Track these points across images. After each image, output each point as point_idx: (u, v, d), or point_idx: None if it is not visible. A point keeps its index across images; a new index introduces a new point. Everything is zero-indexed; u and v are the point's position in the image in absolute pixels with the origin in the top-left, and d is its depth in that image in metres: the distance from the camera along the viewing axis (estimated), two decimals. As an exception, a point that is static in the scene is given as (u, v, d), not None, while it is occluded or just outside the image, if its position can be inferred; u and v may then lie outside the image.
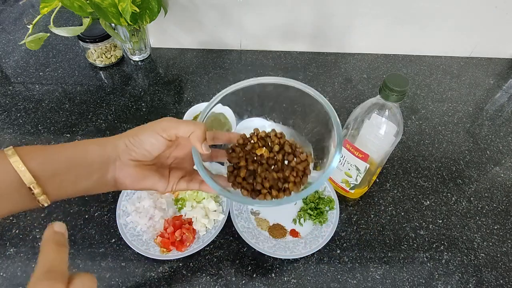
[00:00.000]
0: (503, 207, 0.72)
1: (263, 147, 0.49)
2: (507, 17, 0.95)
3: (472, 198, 0.73)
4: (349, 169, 0.64)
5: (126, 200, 0.67)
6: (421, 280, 0.61)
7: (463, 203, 0.72)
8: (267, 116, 0.53)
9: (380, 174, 0.76)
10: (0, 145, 0.77)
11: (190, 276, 0.60)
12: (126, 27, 0.86)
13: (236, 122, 0.76)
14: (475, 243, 0.67)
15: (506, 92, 0.97)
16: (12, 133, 0.79)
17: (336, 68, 1.00)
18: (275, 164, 0.48)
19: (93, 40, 0.90)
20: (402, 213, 0.70)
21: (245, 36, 1.00)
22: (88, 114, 0.84)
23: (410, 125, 0.87)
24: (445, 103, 0.93)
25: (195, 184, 0.47)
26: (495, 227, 0.69)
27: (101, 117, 0.84)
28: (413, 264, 0.63)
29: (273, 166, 0.48)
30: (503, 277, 0.62)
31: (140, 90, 0.91)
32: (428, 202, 0.72)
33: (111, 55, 0.95)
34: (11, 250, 0.62)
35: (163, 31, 0.99)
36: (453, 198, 0.73)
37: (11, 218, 0.66)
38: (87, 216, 0.67)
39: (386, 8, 0.93)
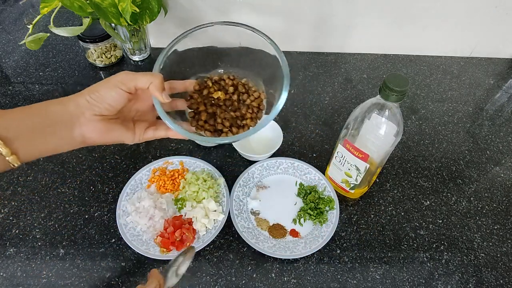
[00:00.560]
0: (503, 207, 0.72)
1: (219, 90, 0.53)
2: (507, 17, 0.95)
3: (472, 198, 0.73)
4: (349, 169, 0.64)
5: (126, 200, 0.67)
6: (421, 280, 0.61)
7: (463, 203, 0.72)
8: (220, 62, 0.57)
9: (380, 174, 0.76)
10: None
11: (190, 276, 0.60)
12: (126, 27, 0.86)
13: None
14: (475, 243, 0.67)
15: (506, 92, 0.97)
16: (12, 133, 0.79)
17: (336, 68, 1.00)
18: (232, 105, 0.52)
19: (93, 40, 0.90)
20: (402, 213, 0.70)
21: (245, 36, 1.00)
22: (88, 114, 0.84)
23: (410, 125, 0.87)
24: (445, 103, 0.93)
25: (161, 132, 0.49)
26: (495, 227, 0.69)
27: (101, 117, 0.84)
28: (413, 264, 0.63)
29: (230, 107, 0.52)
30: (503, 277, 0.62)
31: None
32: (428, 202, 0.72)
33: (111, 55, 0.95)
34: (11, 250, 0.62)
35: (163, 31, 0.99)
36: (453, 198, 0.73)
37: (11, 218, 0.66)
38: (87, 216, 0.67)
39: (386, 8, 0.93)
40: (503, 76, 1.01)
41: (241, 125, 0.51)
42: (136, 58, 0.98)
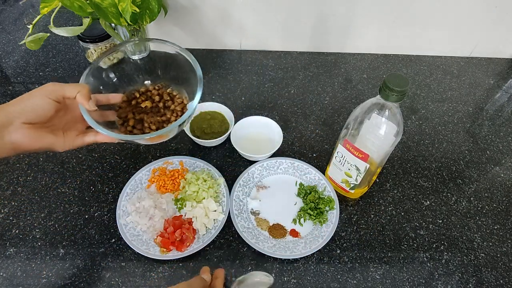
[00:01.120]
0: (503, 207, 0.72)
1: (146, 100, 0.61)
2: (507, 17, 0.95)
3: (472, 198, 0.73)
4: (349, 169, 0.64)
5: (126, 200, 0.67)
6: (421, 280, 0.61)
7: (463, 203, 0.72)
8: (147, 75, 0.65)
9: (380, 174, 0.76)
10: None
11: (190, 276, 0.60)
12: (126, 27, 0.86)
13: (233, 121, 0.78)
14: (475, 243, 0.67)
15: (506, 92, 0.97)
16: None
17: (336, 68, 1.00)
18: (158, 111, 0.60)
19: (93, 40, 0.90)
20: (402, 213, 0.70)
21: (245, 36, 1.00)
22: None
23: (410, 125, 0.87)
24: (445, 103, 0.93)
25: (90, 137, 0.53)
26: (495, 227, 0.69)
27: (101, 117, 0.84)
28: (413, 264, 0.63)
29: (157, 113, 0.60)
30: (503, 277, 0.62)
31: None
32: (428, 202, 0.72)
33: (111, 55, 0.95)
34: (11, 250, 0.62)
35: (163, 31, 0.99)
36: (453, 198, 0.73)
37: (11, 218, 0.66)
38: (87, 216, 0.67)
39: (386, 8, 0.93)
40: (503, 76, 1.01)
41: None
42: (135, 57, 0.98)
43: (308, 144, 0.81)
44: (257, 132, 0.80)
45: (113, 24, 0.85)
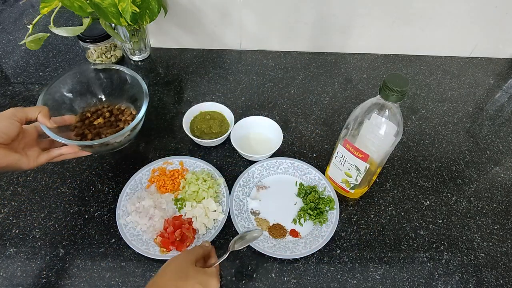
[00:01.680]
0: (503, 207, 0.72)
1: (98, 118, 0.71)
2: (507, 17, 0.95)
3: (472, 198, 0.73)
4: (349, 169, 0.64)
5: (126, 200, 0.67)
6: (421, 280, 0.61)
7: (463, 203, 0.72)
8: (98, 95, 0.75)
9: (380, 174, 0.76)
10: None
11: (190, 276, 0.60)
12: (126, 27, 0.86)
13: (233, 121, 0.78)
14: (475, 243, 0.67)
15: (506, 92, 0.97)
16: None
17: (336, 68, 1.00)
18: (112, 125, 0.71)
19: (93, 40, 0.90)
20: (402, 213, 0.70)
21: (245, 36, 1.00)
22: (88, 114, 0.84)
23: (410, 125, 0.87)
24: (445, 103, 0.93)
25: (55, 151, 0.61)
26: (495, 227, 0.69)
27: (101, 117, 0.84)
28: (413, 264, 0.63)
29: (110, 126, 0.70)
30: (503, 277, 0.62)
31: (140, 90, 0.91)
32: (428, 202, 0.72)
33: (111, 55, 0.95)
34: (11, 250, 0.62)
35: (163, 31, 0.99)
36: (453, 198, 0.73)
37: (11, 218, 0.66)
38: (87, 216, 0.67)
39: (386, 8, 0.93)
40: (503, 76, 1.01)
41: None
42: (136, 58, 0.98)
43: (308, 144, 0.81)
44: (257, 132, 0.80)
45: (113, 24, 0.85)
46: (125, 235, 0.62)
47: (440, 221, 0.69)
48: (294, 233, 0.66)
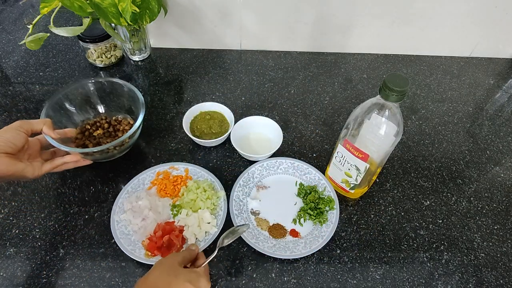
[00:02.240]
0: (503, 207, 0.72)
1: (97, 129, 0.75)
2: (507, 17, 0.95)
3: (472, 198, 0.73)
4: (349, 169, 0.64)
5: (125, 197, 0.67)
6: (421, 280, 0.61)
7: (463, 203, 0.72)
8: (97, 107, 0.79)
9: (380, 174, 0.76)
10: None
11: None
12: (126, 27, 0.86)
13: (233, 121, 0.78)
14: (475, 243, 0.67)
15: (506, 92, 0.97)
16: (12, 133, 0.79)
17: (336, 68, 1.00)
18: (110, 135, 0.75)
19: (93, 40, 0.90)
20: (402, 213, 0.70)
21: (245, 36, 1.00)
22: (88, 114, 0.84)
23: (410, 125, 0.87)
24: (445, 103, 0.93)
25: (57, 160, 0.64)
26: (495, 227, 0.69)
27: (101, 117, 0.84)
28: (413, 264, 0.63)
29: (109, 136, 0.75)
30: (503, 277, 0.62)
31: (140, 90, 0.91)
32: (428, 202, 0.72)
33: (111, 55, 0.95)
34: (11, 250, 0.62)
35: (163, 31, 0.99)
36: (453, 198, 0.73)
37: (11, 218, 0.66)
38: (87, 217, 0.67)
39: (386, 8, 0.93)
40: (503, 76, 1.01)
41: None
42: (136, 58, 0.98)
43: (308, 144, 0.81)
44: (257, 132, 0.80)
45: (113, 24, 0.85)
46: (115, 232, 0.62)
47: (440, 221, 0.69)
48: (294, 233, 0.66)
